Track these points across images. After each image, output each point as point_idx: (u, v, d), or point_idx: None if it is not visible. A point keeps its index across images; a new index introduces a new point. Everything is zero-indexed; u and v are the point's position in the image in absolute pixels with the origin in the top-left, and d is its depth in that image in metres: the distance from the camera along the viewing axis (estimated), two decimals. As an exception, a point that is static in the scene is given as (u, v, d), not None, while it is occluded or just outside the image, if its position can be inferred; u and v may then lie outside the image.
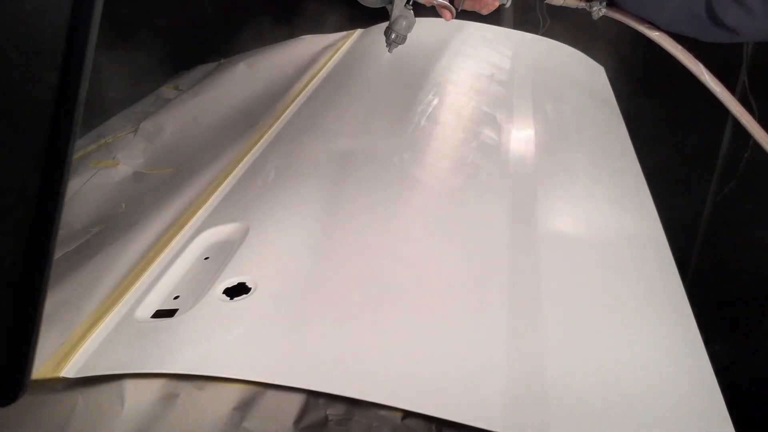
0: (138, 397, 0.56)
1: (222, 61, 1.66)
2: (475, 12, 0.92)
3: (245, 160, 1.01)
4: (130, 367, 0.58)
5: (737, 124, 0.82)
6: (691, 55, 0.87)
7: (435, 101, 1.15)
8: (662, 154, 1.71)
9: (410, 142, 1.01)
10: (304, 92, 1.27)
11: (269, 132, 1.10)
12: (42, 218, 0.31)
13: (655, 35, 0.87)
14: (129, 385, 0.57)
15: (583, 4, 0.87)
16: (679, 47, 0.87)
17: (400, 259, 0.74)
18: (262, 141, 1.07)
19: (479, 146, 1.02)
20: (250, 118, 1.21)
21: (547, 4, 0.89)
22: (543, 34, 1.59)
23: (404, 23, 0.88)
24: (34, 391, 0.57)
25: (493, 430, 0.54)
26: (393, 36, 0.90)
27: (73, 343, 0.63)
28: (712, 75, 0.87)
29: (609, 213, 0.91)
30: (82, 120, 0.31)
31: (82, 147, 1.24)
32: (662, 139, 1.77)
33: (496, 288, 0.71)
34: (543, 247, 0.79)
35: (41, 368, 0.60)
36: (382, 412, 0.55)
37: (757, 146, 0.85)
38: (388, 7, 0.89)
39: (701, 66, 0.87)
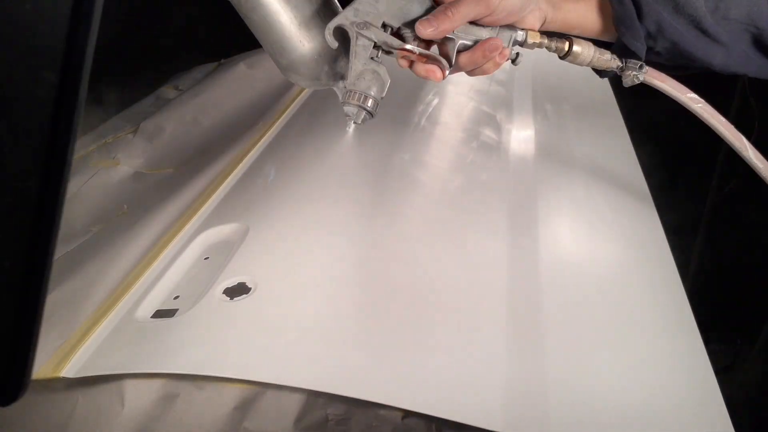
0: (138, 396, 0.56)
1: (222, 61, 1.65)
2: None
3: (245, 160, 1.01)
4: (130, 367, 0.58)
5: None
6: (734, 128, 0.75)
7: (435, 101, 1.15)
8: (662, 153, 1.71)
9: (410, 142, 1.01)
10: (304, 92, 1.27)
11: (269, 132, 1.10)
12: (42, 218, 0.31)
13: (698, 107, 0.73)
14: (129, 385, 0.57)
15: (614, 66, 0.67)
16: (723, 120, 0.75)
17: (400, 259, 0.74)
18: (262, 141, 1.07)
19: (479, 146, 1.02)
20: (250, 119, 1.21)
21: (569, 62, 0.69)
22: (543, 34, 1.58)
23: (375, 81, 0.57)
24: (34, 390, 0.57)
25: (493, 429, 0.54)
26: (357, 99, 0.57)
27: (73, 343, 0.63)
28: (756, 151, 0.76)
29: (608, 213, 0.91)
30: (82, 120, 0.31)
31: (82, 147, 1.24)
32: (662, 138, 1.77)
33: (496, 287, 0.71)
34: (543, 247, 0.79)
35: (41, 368, 0.60)
36: (382, 412, 0.55)
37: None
38: (338, 85, 0.61)
39: (745, 141, 0.75)
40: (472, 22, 0.59)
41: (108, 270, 0.75)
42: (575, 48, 0.65)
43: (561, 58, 0.67)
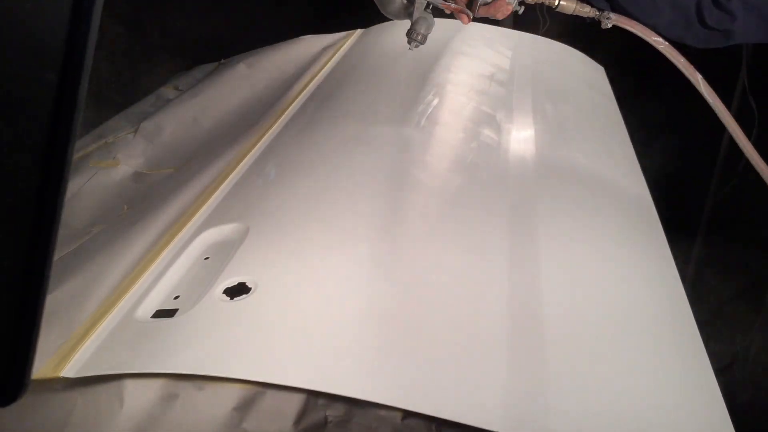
0: (137, 397, 0.56)
1: (222, 61, 1.66)
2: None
3: (245, 160, 1.01)
4: (130, 367, 0.58)
5: (738, 124, 0.84)
6: (693, 67, 0.92)
7: (435, 101, 1.15)
8: (662, 153, 1.71)
9: (410, 142, 1.01)
10: (303, 92, 1.27)
11: (269, 132, 1.10)
12: (42, 218, 0.31)
13: (662, 47, 0.89)
14: (128, 385, 0.57)
15: (593, 15, 0.89)
16: (682, 59, 0.91)
17: (400, 259, 0.74)
18: (261, 141, 1.07)
19: (479, 146, 1.02)
20: (250, 119, 1.21)
21: (558, 11, 0.91)
22: (543, 35, 1.59)
23: (425, 24, 0.91)
24: (34, 390, 0.57)
25: (492, 430, 0.54)
26: (414, 35, 0.92)
27: (74, 343, 0.63)
28: (708, 87, 0.92)
29: (608, 213, 0.91)
30: (82, 120, 0.31)
31: (82, 147, 1.24)
32: (662, 138, 1.77)
33: (496, 288, 0.71)
34: (543, 247, 0.79)
35: (41, 368, 0.60)
36: (382, 413, 0.55)
37: (756, 146, 0.86)
38: (408, 11, 0.92)
39: (699, 77, 0.92)
40: None
41: (108, 270, 0.75)
42: (562, 3, 0.90)
43: (553, 9, 0.91)
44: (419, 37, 0.93)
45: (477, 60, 1.36)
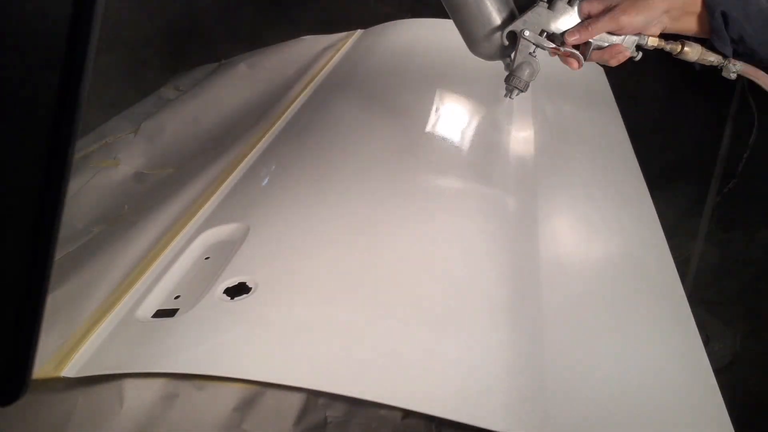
0: (137, 396, 0.56)
1: (222, 61, 1.66)
2: None
3: (246, 160, 1.01)
4: (131, 366, 0.59)
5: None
6: None
7: (435, 102, 1.15)
8: (661, 154, 1.71)
9: (410, 143, 1.01)
10: (304, 93, 1.27)
11: (270, 132, 1.11)
12: (43, 218, 0.31)
13: None
14: (129, 384, 0.57)
15: (718, 62, 0.79)
16: None
17: (400, 259, 0.74)
18: (262, 141, 1.07)
19: (478, 147, 1.02)
20: (251, 119, 1.21)
21: (679, 58, 0.80)
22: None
23: (528, 71, 0.83)
24: (35, 390, 0.57)
25: (493, 429, 0.54)
26: (516, 82, 0.84)
27: (74, 343, 0.64)
28: None
29: (608, 213, 0.92)
30: (83, 120, 0.31)
31: (83, 147, 1.25)
32: (661, 139, 1.77)
33: (496, 287, 0.71)
34: (543, 247, 0.79)
35: (42, 368, 0.60)
36: (382, 412, 0.55)
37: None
38: (506, 61, 0.85)
39: None
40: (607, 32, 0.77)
41: (109, 270, 0.75)
42: (686, 49, 0.79)
43: (674, 56, 0.80)
44: (521, 85, 0.84)
45: (477, 61, 1.35)
